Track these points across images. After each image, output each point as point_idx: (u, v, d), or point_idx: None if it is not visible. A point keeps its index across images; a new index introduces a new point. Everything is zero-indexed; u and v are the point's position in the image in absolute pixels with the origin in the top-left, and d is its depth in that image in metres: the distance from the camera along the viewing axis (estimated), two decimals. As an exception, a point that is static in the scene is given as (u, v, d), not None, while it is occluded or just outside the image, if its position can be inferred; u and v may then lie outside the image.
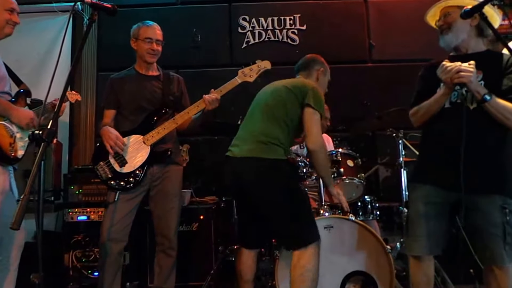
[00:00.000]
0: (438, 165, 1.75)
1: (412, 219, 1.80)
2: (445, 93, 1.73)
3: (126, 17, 3.59)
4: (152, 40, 2.25)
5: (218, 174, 3.39)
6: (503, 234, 1.63)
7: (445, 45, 1.86)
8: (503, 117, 1.65)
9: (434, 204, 1.74)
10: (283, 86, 2.09)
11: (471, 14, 1.68)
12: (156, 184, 2.23)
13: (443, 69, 1.69)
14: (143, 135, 2.19)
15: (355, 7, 3.76)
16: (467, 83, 1.63)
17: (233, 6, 3.78)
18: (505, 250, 1.63)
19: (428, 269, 1.81)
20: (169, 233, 2.22)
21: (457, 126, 1.67)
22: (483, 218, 1.65)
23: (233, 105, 3.50)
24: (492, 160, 1.69)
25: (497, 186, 1.67)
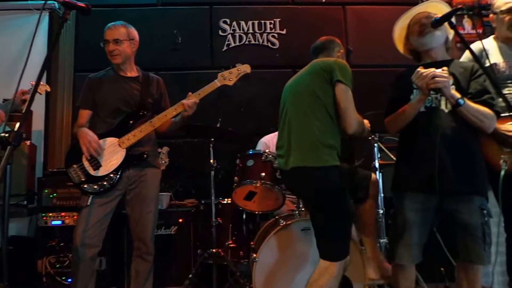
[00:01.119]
0: (418, 170, 1.77)
1: (400, 227, 1.80)
2: (421, 99, 1.76)
3: (106, 17, 3.53)
4: (108, 41, 2.21)
5: (198, 177, 3.39)
6: (483, 235, 1.68)
7: (423, 43, 1.86)
8: (477, 120, 1.71)
9: (420, 211, 1.77)
10: (302, 74, 1.95)
11: (441, 23, 1.75)
12: (132, 187, 2.20)
13: (418, 75, 1.72)
14: (119, 138, 2.16)
15: (334, 13, 3.83)
16: (442, 88, 1.68)
17: (214, 8, 3.78)
18: (484, 250, 1.69)
19: (411, 274, 1.85)
20: (146, 237, 2.20)
21: (433, 130, 1.71)
22: (464, 219, 1.70)
23: (214, 107, 3.51)
24: (468, 162, 1.74)
25: (475, 188, 1.73)
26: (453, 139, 1.72)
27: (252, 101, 3.64)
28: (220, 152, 3.30)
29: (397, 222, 1.83)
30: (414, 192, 1.78)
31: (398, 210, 1.83)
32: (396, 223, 1.83)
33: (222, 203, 2.80)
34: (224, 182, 2.95)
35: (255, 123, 3.62)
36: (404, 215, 1.79)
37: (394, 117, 1.87)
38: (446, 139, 1.71)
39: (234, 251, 2.70)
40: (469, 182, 1.72)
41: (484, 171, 1.79)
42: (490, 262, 1.73)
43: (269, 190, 2.47)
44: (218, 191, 2.77)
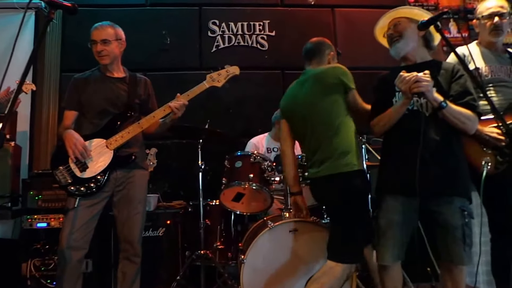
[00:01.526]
0: (400, 173, 1.79)
1: (383, 229, 1.82)
2: (405, 103, 1.78)
3: (93, 17, 3.50)
4: (96, 42, 2.19)
5: (187, 178, 3.38)
6: (463, 236, 1.71)
7: (396, 53, 1.94)
8: (459, 122, 1.74)
9: (402, 213, 1.78)
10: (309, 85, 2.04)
11: (428, 26, 1.77)
12: (119, 189, 2.18)
13: (401, 80, 1.73)
14: (106, 139, 2.14)
15: (323, 16, 3.87)
16: (425, 92, 1.70)
17: (203, 9, 3.78)
18: (464, 251, 1.71)
19: (397, 274, 1.87)
20: (133, 239, 2.17)
21: (415, 133, 1.73)
22: (445, 220, 1.73)
23: (202, 109, 3.49)
24: (450, 164, 1.76)
25: (456, 189, 1.75)
26: (435, 142, 1.74)
27: (241, 103, 3.65)
28: (209, 153, 3.28)
29: (380, 223, 1.84)
30: (396, 194, 1.80)
31: (380, 211, 1.86)
32: (379, 224, 1.85)
33: (211, 205, 2.80)
34: (213, 183, 2.93)
35: (244, 124, 3.63)
36: (386, 216, 1.82)
37: (378, 120, 1.88)
38: (428, 142, 1.73)
39: (222, 253, 2.69)
40: (450, 184, 1.74)
41: (466, 173, 1.81)
42: (470, 262, 1.75)
43: (257, 191, 2.48)
44: (206, 192, 2.77)
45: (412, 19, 1.92)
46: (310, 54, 2.18)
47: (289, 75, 3.75)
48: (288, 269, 2.18)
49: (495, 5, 2.23)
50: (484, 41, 2.28)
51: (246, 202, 2.60)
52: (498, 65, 2.23)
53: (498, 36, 2.22)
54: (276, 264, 2.18)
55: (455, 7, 3.98)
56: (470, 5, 4.00)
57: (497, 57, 2.25)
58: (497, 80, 2.20)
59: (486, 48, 2.27)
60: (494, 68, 2.22)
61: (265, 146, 3.15)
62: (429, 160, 1.72)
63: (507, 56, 2.26)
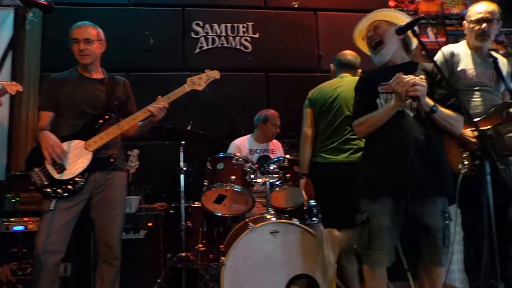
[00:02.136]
0: (388, 175, 1.78)
1: (375, 232, 1.79)
2: (396, 105, 1.76)
3: (74, 16, 3.45)
4: (78, 40, 2.16)
5: (169, 180, 3.36)
6: (443, 237, 1.74)
7: (381, 60, 1.93)
8: (448, 124, 1.77)
9: (391, 215, 1.78)
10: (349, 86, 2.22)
11: (405, 31, 1.81)
12: (98, 191, 2.15)
13: (398, 81, 1.71)
14: (85, 141, 2.11)
15: (306, 19, 3.90)
16: (420, 97, 1.70)
17: (186, 10, 3.77)
18: (444, 252, 1.74)
19: (384, 276, 1.86)
20: (112, 242, 2.15)
21: (401, 134, 1.75)
22: (427, 222, 1.75)
23: (186, 110, 3.49)
24: (434, 165, 1.79)
25: (439, 190, 1.78)
26: (421, 142, 1.76)
27: (224, 104, 3.65)
28: (191, 155, 3.28)
29: (371, 227, 1.80)
30: (385, 197, 1.79)
31: (372, 214, 1.81)
32: (370, 228, 1.80)
33: (192, 207, 2.79)
34: (196, 185, 2.93)
35: (227, 126, 3.63)
36: (377, 220, 1.78)
37: (364, 120, 1.87)
38: (414, 143, 1.73)
39: (204, 255, 2.69)
40: (435, 185, 1.77)
41: (449, 173, 1.84)
42: (448, 263, 1.79)
43: (239, 193, 2.49)
44: (189, 194, 2.76)
45: (391, 23, 1.92)
46: (349, 66, 2.49)
47: (273, 77, 3.78)
48: (270, 270, 2.19)
49: (484, 11, 2.25)
50: (471, 44, 2.31)
51: (228, 204, 2.61)
52: (483, 69, 2.28)
53: (484, 41, 2.27)
54: (257, 266, 2.19)
55: (434, 12, 4.07)
56: (447, 10, 4.10)
57: (483, 60, 2.30)
58: (479, 84, 2.25)
59: (473, 50, 2.31)
60: (479, 72, 2.27)
61: (247, 147, 3.17)
62: (416, 161, 1.72)
63: (491, 61, 2.31)
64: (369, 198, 1.84)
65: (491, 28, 2.25)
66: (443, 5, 4.11)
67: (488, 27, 2.24)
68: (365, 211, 1.82)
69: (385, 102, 1.85)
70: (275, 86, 3.76)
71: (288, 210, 2.68)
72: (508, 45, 4.14)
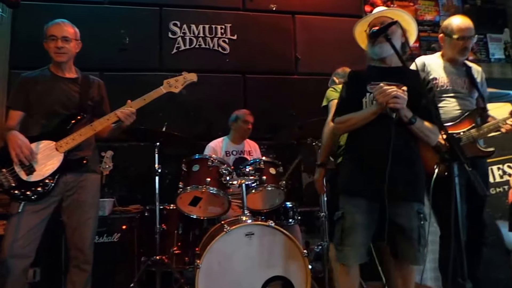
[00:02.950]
0: (366, 177, 1.81)
1: (349, 229, 1.81)
2: (376, 112, 1.79)
3: (47, 13, 3.36)
4: (56, 38, 2.10)
5: (144, 182, 3.30)
6: (418, 237, 1.78)
7: (379, 53, 1.88)
8: (424, 136, 1.82)
9: (365, 214, 1.81)
10: None
11: (377, 35, 1.83)
12: (70, 194, 2.09)
13: (381, 91, 1.74)
14: (56, 141, 2.05)
15: (284, 22, 3.94)
16: (399, 109, 1.74)
17: (164, 10, 3.72)
18: (419, 252, 1.79)
19: (356, 275, 1.89)
20: (84, 246, 2.09)
21: (381, 137, 1.77)
22: (403, 222, 1.79)
23: (162, 111, 3.44)
24: (412, 169, 1.83)
25: (415, 194, 1.83)
26: (399, 147, 1.79)
27: (201, 106, 3.62)
28: (167, 157, 3.24)
29: (345, 224, 1.83)
30: (360, 197, 1.82)
31: (346, 212, 1.85)
32: (343, 225, 1.84)
33: (168, 209, 2.75)
34: (171, 187, 2.89)
35: (204, 127, 3.61)
36: (351, 217, 1.81)
37: (345, 119, 1.89)
38: (394, 147, 1.76)
39: (179, 258, 2.65)
40: (413, 190, 1.82)
41: (424, 177, 1.89)
42: (424, 262, 1.84)
43: (214, 195, 2.47)
44: (164, 196, 2.72)
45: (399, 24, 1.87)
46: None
47: (250, 79, 3.78)
48: (245, 273, 2.18)
49: (467, 28, 2.34)
50: (449, 56, 2.40)
51: (204, 206, 2.58)
52: (455, 76, 2.37)
53: (465, 56, 2.38)
54: (232, 268, 2.17)
55: (408, 19, 4.18)
56: (421, 17, 4.23)
57: (456, 69, 2.39)
58: (451, 91, 2.34)
59: (447, 61, 2.41)
60: (450, 80, 2.36)
61: (223, 149, 3.16)
62: (393, 166, 1.74)
63: (463, 69, 2.41)
64: (346, 196, 1.88)
65: (471, 43, 2.36)
66: (417, 12, 4.23)
67: (470, 43, 2.35)
68: (342, 208, 1.87)
69: (370, 103, 1.86)
70: (252, 88, 3.77)
71: (265, 212, 2.68)
72: (478, 51, 4.31)
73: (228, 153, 3.14)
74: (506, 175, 3.42)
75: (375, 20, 1.92)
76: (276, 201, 2.63)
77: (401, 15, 1.92)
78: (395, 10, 1.99)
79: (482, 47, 4.33)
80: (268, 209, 2.67)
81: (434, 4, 4.31)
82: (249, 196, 2.45)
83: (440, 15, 4.26)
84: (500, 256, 2.78)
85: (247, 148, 3.23)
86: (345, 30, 2.13)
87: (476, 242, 2.28)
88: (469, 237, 2.16)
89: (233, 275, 2.17)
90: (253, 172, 2.45)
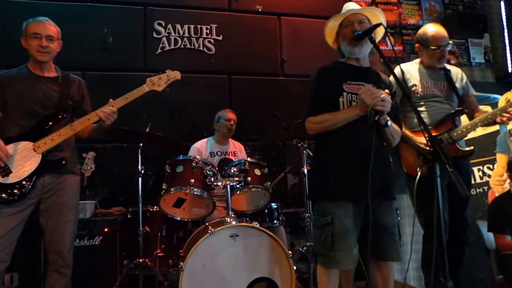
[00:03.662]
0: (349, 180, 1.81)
1: (338, 234, 1.79)
2: (358, 114, 1.77)
3: (25, 10, 3.28)
4: (40, 36, 2.05)
5: (127, 184, 3.24)
6: (398, 233, 1.84)
7: (357, 53, 1.89)
8: (392, 138, 1.87)
9: (353, 217, 1.81)
10: None
11: (362, 37, 1.84)
12: (48, 196, 2.03)
13: (369, 93, 1.73)
14: (34, 142, 1.99)
15: (270, 23, 3.93)
16: (384, 112, 1.74)
17: (148, 9, 3.67)
18: (400, 247, 1.84)
19: (336, 276, 1.90)
20: (64, 250, 2.04)
21: (359, 138, 1.79)
22: (384, 220, 1.82)
23: (146, 112, 3.39)
24: (388, 169, 1.88)
25: (393, 193, 1.88)
26: (377, 149, 1.81)
27: (185, 106, 3.59)
28: (151, 158, 3.20)
29: (334, 229, 1.80)
30: (346, 201, 1.81)
31: (335, 217, 1.80)
32: (333, 230, 1.80)
33: (151, 211, 2.70)
34: (155, 189, 2.86)
35: (189, 128, 3.58)
36: (340, 222, 1.79)
37: (321, 119, 1.85)
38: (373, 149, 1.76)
39: (163, 261, 2.61)
40: (391, 189, 1.86)
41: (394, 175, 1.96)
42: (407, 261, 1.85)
43: (198, 197, 2.44)
44: (147, 198, 2.68)
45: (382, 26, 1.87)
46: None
47: (236, 80, 3.76)
48: (230, 275, 2.16)
49: (442, 37, 2.40)
50: (427, 64, 2.45)
51: (188, 208, 2.55)
52: (433, 81, 2.43)
53: (443, 62, 2.44)
54: (217, 270, 2.15)
55: (392, 22, 4.24)
56: (405, 21, 4.29)
57: (434, 74, 2.44)
58: (430, 95, 2.39)
59: (426, 67, 2.46)
60: (429, 85, 2.41)
61: (208, 150, 3.14)
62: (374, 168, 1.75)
63: (442, 73, 2.47)
64: (332, 201, 1.83)
65: (447, 51, 2.42)
66: (400, 15, 4.29)
67: (446, 51, 2.41)
68: (329, 214, 1.82)
69: (348, 104, 1.84)
70: (238, 89, 3.75)
71: (249, 213, 2.67)
72: (459, 56, 4.40)
73: (212, 154, 3.11)
74: (486, 176, 3.50)
75: (352, 16, 1.91)
76: (261, 202, 2.62)
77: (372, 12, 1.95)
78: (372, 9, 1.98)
79: (464, 51, 4.43)
80: (253, 210, 2.66)
81: (417, 8, 4.38)
82: (234, 197, 2.44)
83: (423, 19, 4.33)
84: (480, 255, 2.83)
85: (232, 148, 3.21)
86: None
87: (459, 241, 2.32)
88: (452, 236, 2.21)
89: (218, 277, 2.15)
90: (238, 173, 2.43)
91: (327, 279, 1.87)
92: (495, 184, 3.20)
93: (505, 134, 3.27)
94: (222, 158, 3.10)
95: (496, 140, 3.34)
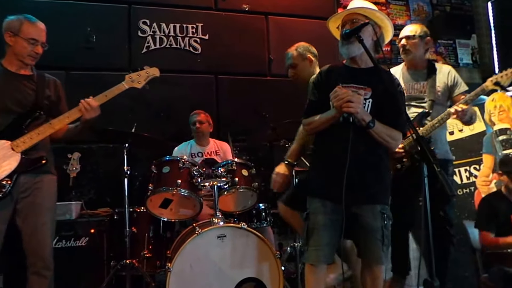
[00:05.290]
0: (329, 181, 1.84)
1: (312, 230, 1.83)
2: (334, 117, 1.81)
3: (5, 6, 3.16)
4: (37, 43, 2.03)
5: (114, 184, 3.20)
6: (382, 237, 1.81)
7: (348, 53, 1.88)
8: (383, 141, 1.83)
9: (329, 214, 1.82)
10: None
11: (350, 36, 1.83)
12: (24, 196, 1.98)
13: (335, 96, 1.76)
14: (12, 141, 1.94)
15: (257, 22, 3.92)
16: (354, 113, 1.75)
17: (133, 8, 3.62)
18: (383, 251, 1.82)
19: (321, 275, 1.89)
20: (43, 251, 1.99)
21: (345, 141, 1.78)
22: (367, 223, 1.82)
23: (131, 112, 3.35)
24: (375, 174, 1.85)
25: (379, 198, 1.85)
26: (363, 152, 1.81)
27: (172, 106, 3.55)
28: (137, 158, 3.16)
29: (309, 224, 1.86)
30: (327, 200, 1.84)
31: (311, 213, 1.88)
32: (308, 225, 1.87)
33: (138, 211, 2.68)
34: (141, 189, 2.83)
35: (175, 128, 3.54)
36: (315, 217, 1.85)
37: (309, 122, 1.93)
38: (357, 152, 1.78)
39: (150, 261, 2.59)
40: (374, 194, 1.84)
41: (389, 181, 1.92)
42: (387, 261, 1.89)
43: (186, 197, 2.43)
44: (134, 198, 2.66)
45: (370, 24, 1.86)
46: None
47: (222, 79, 3.75)
48: (217, 275, 2.16)
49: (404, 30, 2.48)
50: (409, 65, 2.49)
51: (175, 208, 2.54)
52: (413, 82, 2.43)
53: (407, 55, 2.44)
54: (204, 271, 2.14)
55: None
56: (393, 21, 4.32)
57: (414, 75, 2.45)
58: (407, 98, 2.37)
59: (408, 67, 2.48)
60: (408, 87, 2.43)
61: (189, 152, 3.14)
62: (357, 170, 1.76)
63: (424, 71, 2.45)
64: (311, 197, 1.90)
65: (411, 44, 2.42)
66: (388, 16, 4.31)
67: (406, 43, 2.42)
68: (308, 209, 1.89)
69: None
70: (224, 89, 3.73)
71: (237, 214, 2.67)
72: (447, 56, 4.46)
73: (193, 155, 3.12)
74: (472, 176, 3.56)
75: (346, 17, 1.91)
76: (248, 203, 2.62)
77: (373, 13, 1.90)
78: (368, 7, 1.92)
79: (451, 52, 4.47)
80: (241, 211, 2.66)
81: (405, 9, 4.42)
82: (221, 198, 2.43)
83: (411, 19, 4.37)
84: (466, 254, 2.88)
85: (212, 148, 3.21)
86: (317, 32, 2.13)
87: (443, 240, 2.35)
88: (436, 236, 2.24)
89: (205, 277, 2.15)
90: (225, 173, 2.43)
91: (308, 273, 1.89)
92: (481, 185, 3.26)
93: (492, 135, 3.34)
94: (203, 159, 3.11)
95: (483, 141, 3.41)
